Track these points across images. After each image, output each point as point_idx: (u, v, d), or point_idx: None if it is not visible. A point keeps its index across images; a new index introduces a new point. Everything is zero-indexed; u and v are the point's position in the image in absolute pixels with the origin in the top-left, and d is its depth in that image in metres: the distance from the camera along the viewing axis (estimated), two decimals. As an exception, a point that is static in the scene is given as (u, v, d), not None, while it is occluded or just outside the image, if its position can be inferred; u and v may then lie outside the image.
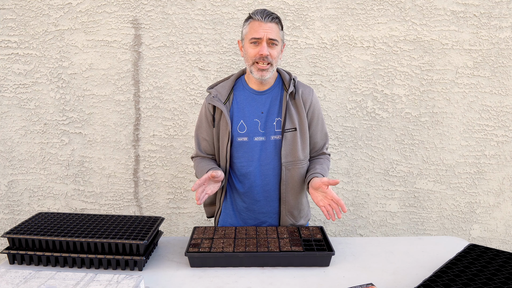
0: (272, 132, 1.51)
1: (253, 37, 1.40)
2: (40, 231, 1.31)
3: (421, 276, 1.22)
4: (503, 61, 2.19)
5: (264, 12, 1.40)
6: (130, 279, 1.10)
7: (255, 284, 1.18)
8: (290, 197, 1.55)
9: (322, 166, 1.54)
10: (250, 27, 1.42)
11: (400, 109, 2.25)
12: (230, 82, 1.56)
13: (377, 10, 2.13)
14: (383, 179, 2.34)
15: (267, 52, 1.40)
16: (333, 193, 1.34)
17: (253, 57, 1.42)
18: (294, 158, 1.52)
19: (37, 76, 2.21)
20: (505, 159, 2.31)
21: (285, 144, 1.50)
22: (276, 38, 1.41)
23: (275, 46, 1.42)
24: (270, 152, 1.51)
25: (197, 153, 1.64)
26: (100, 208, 2.37)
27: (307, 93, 1.54)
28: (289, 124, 1.50)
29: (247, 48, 1.44)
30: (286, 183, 1.53)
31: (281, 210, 1.56)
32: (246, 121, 1.51)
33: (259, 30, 1.39)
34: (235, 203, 1.61)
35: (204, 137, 1.59)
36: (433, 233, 2.41)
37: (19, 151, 2.31)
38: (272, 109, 1.51)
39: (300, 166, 1.54)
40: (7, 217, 2.39)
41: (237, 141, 1.52)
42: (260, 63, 1.42)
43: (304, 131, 1.53)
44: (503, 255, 1.25)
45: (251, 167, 1.53)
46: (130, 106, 2.24)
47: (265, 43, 1.40)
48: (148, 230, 1.33)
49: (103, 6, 2.13)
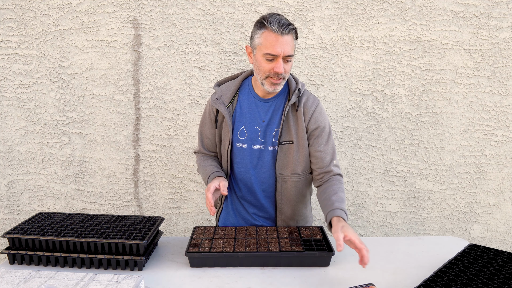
0: (270, 142, 1.47)
1: (269, 53, 1.30)
2: (40, 231, 1.31)
3: (421, 276, 1.21)
4: (503, 61, 2.19)
5: (281, 22, 1.27)
6: (130, 279, 1.10)
7: (255, 284, 1.18)
8: (286, 208, 1.53)
9: (338, 196, 1.38)
10: (265, 39, 1.30)
11: (400, 109, 2.25)
12: (236, 83, 1.51)
13: (377, 10, 2.13)
14: (383, 179, 2.34)
15: (283, 70, 1.32)
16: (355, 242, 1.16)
17: (267, 72, 1.34)
18: (290, 171, 1.47)
19: (37, 76, 2.21)
20: (505, 159, 2.31)
21: (281, 156, 1.46)
22: (292, 53, 1.33)
23: (289, 62, 1.35)
24: (267, 161, 1.49)
25: (200, 150, 1.63)
26: (100, 208, 2.37)
27: (309, 104, 1.45)
28: (285, 136, 1.45)
29: (260, 62, 1.34)
30: (281, 194, 1.51)
31: (277, 219, 1.55)
32: (247, 128, 1.48)
33: (275, 46, 1.28)
34: (234, 204, 1.61)
35: (207, 134, 1.58)
36: (433, 233, 2.41)
37: (19, 151, 2.31)
38: (274, 118, 1.46)
39: (297, 180, 1.49)
40: (7, 217, 2.39)
41: (236, 146, 1.50)
42: (273, 78, 1.35)
43: (301, 144, 1.45)
44: (503, 255, 1.25)
45: (248, 173, 1.51)
46: (130, 106, 2.24)
47: (281, 60, 1.31)
48: (148, 230, 1.33)
49: (103, 6, 2.13)
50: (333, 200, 1.36)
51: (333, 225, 1.27)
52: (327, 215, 1.34)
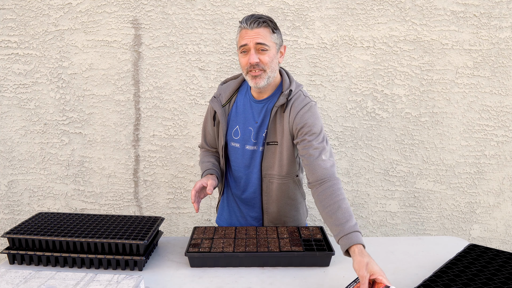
0: (261, 142, 1.48)
1: (240, 45, 1.36)
2: (40, 231, 1.31)
3: (421, 276, 1.21)
4: (503, 61, 2.19)
5: (251, 18, 1.33)
6: (130, 279, 1.10)
7: (255, 284, 1.18)
8: (272, 208, 1.55)
9: (342, 210, 1.20)
10: (239, 35, 1.37)
11: (400, 109, 2.25)
12: (236, 83, 1.53)
13: (377, 10, 2.13)
14: (383, 179, 2.34)
15: (255, 59, 1.33)
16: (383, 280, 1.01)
17: (245, 66, 1.37)
18: (274, 171, 1.48)
19: (37, 76, 2.21)
20: (505, 159, 2.31)
21: (266, 156, 1.47)
22: (265, 42, 1.33)
23: (265, 51, 1.34)
24: (257, 162, 1.50)
25: (203, 145, 1.68)
26: (100, 208, 2.37)
27: (296, 105, 1.40)
28: (271, 137, 1.45)
29: (240, 59, 1.40)
30: (267, 194, 1.53)
31: (264, 218, 1.58)
32: (241, 128, 1.50)
33: (245, 37, 1.34)
34: (229, 200, 1.65)
35: (208, 130, 1.63)
36: (433, 233, 2.41)
37: (19, 151, 2.31)
38: (265, 119, 1.47)
39: (282, 182, 1.49)
40: (7, 217, 2.39)
41: (231, 145, 1.54)
42: (252, 71, 1.36)
43: (285, 146, 1.43)
44: (503, 255, 1.25)
45: (240, 172, 1.55)
46: (130, 106, 2.24)
47: (253, 50, 1.33)
48: (148, 230, 1.33)
49: (103, 6, 2.13)
50: (341, 220, 1.18)
51: (355, 259, 1.07)
52: (340, 240, 1.15)
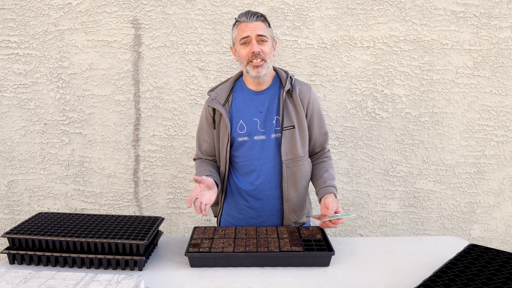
0: (272, 130, 1.52)
1: (242, 37, 1.44)
2: (40, 231, 1.31)
3: (421, 276, 1.21)
4: (503, 61, 2.19)
5: (249, 13, 1.45)
6: (130, 279, 1.10)
7: (255, 284, 1.18)
8: (292, 195, 1.56)
9: (329, 173, 1.57)
10: (238, 29, 1.46)
11: (400, 109, 2.25)
12: (228, 84, 1.58)
13: (377, 10, 2.13)
14: (383, 179, 2.34)
15: (258, 48, 1.43)
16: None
17: (246, 57, 1.45)
18: (294, 155, 1.52)
19: (37, 76, 2.21)
20: (505, 159, 2.31)
21: (284, 142, 1.51)
22: (265, 34, 1.44)
23: (265, 42, 1.45)
24: (271, 150, 1.53)
25: (198, 155, 1.66)
26: (100, 208, 2.37)
27: (304, 90, 1.55)
28: (287, 122, 1.51)
29: (239, 51, 1.47)
30: (287, 181, 1.54)
31: (284, 208, 1.57)
32: (245, 121, 1.53)
33: (246, 29, 1.43)
34: (236, 202, 1.61)
35: (205, 139, 1.62)
36: (433, 233, 2.41)
37: (19, 151, 2.31)
38: (271, 107, 1.53)
39: (301, 163, 1.55)
40: (7, 217, 2.39)
41: (238, 141, 1.53)
42: (254, 61, 1.44)
43: (302, 128, 1.53)
44: (503, 255, 1.25)
45: (252, 165, 1.54)
46: (130, 106, 2.24)
47: (255, 41, 1.43)
48: (148, 230, 1.33)
49: (103, 6, 2.13)
50: (325, 177, 1.55)
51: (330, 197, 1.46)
52: (320, 190, 1.53)
